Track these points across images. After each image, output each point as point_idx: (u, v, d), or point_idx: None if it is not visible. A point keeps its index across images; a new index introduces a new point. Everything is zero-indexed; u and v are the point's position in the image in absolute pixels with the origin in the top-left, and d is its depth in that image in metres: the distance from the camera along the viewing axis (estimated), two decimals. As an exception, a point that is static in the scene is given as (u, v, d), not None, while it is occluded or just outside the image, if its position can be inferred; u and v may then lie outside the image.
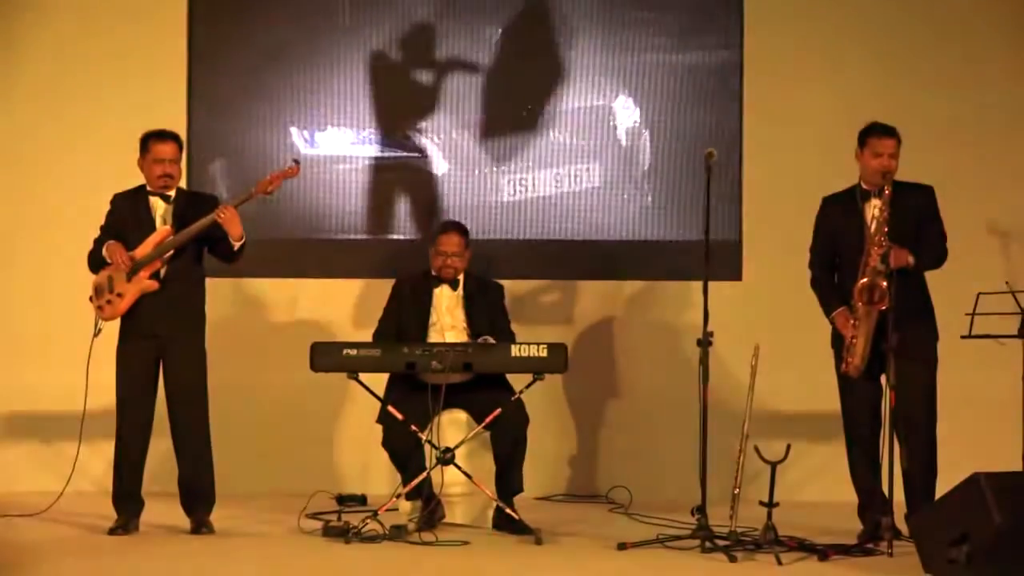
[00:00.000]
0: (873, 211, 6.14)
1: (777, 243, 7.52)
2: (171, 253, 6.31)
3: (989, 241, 7.61)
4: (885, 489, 5.97)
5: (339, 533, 6.16)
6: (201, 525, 6.33)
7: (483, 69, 7.89)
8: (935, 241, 6.25)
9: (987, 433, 7.19)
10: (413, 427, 6.34)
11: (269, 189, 6.46)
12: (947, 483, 5.61)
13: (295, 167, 6.56)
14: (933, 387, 6.24)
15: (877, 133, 6.22)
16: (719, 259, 7.06)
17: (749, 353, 6.02)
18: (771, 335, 6.84)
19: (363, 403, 6.77)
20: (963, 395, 6.81)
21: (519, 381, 6.47)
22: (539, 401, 6.83)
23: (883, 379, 6.08)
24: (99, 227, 6.43)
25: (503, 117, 7.89)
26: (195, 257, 6.41)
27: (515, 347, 6.42)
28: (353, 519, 6.29)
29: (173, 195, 6.40)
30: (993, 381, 7.09)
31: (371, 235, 7.87)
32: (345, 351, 6.41)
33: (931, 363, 6.25)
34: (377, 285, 7.31)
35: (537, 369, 6.37)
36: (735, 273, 7.76)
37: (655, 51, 7.85)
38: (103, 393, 6.37)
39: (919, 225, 6.22)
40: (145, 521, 6.39)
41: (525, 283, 7.79)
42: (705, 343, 6.02)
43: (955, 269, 6.35)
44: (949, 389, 6.33)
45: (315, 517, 6.55)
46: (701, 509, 5.96)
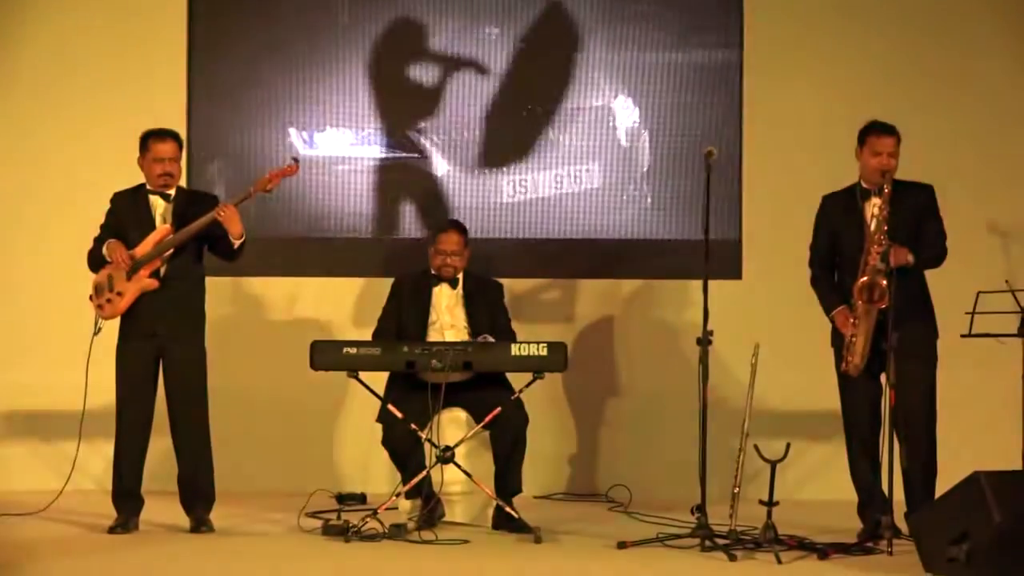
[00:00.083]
0: (873, 210, 6.13)
1: (777, 242, 7.52)
2: (171, 252, 6.31)
3: (989, 240, 7.60)
4: (885, 488, 5.96)
5: (339, 532, 6.16)
6: (201, 524, 6.33)
7: (483, 69, 7.88)
8: (935, 240, 6.24)
9: (987, 432, 7.19)
10: (413, 426, 6.34)
11: (268, 187, 6.46)
12: (947, 482, 5.61)
13: (294, 165, 6.56)
14: (933, 386, 6.23)
15: (876, 131, 6.21)
16: (719, 258, 7.07)
17: (749, 352, 6.02)
18: (771, 334, 6.84)
19: (363, 402, 6.76)
20: (963, 394, 6.82)
21: (519, 380, 6.47)
22: (539, 400, 6.84)
23: (883, 378, 6.07)
24: (99, 226, 6.42)
25: (503, 117, 7.88)
26: (195, 256, 6.41)
27: (515, 346, 6.42)
28: (353, 518, 6.28)
29: (173, 194, 6.40)
30: (993, 380, 7.10)
31: (371, 234, 7.86)
32: (345, 350, 6.41)
33: (931, 362, 6.24)
34: (377, 284, 7.31)
35: (537, 368, 6.36)
36: (735, 272, 7.75)
37: (655, 51, 7.85)
38: (103, 392, 6.37)
39: (919, 224, 6.22)
40: (145, 520, 6.39)
41: (525, 282, 7.78)
42: (705, 342, 6.01)
43: (955, 268, 6.35)
44: (949, 388, 6.32)
45: (315, 516, 6.54)
46: (701, 508, 5.96)
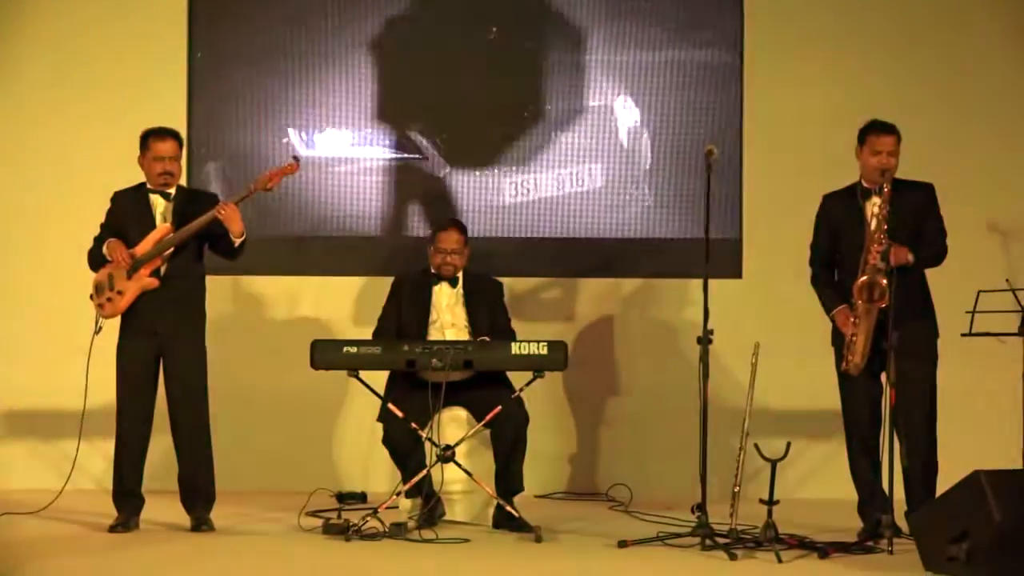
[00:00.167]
0: (873, 209, 6.13)
1: (777, 241, 7.52)
2: (171, 251, 6.31)
3: (989, 239, 7.59)
4: (885, 487, 5.96)
5: (339, 531, 6.16)
6: (201, 523, 6.33)
7: (483, 70, 7.88)
8: (935, 238, 6.24)
9: (987, 431, 7.19)
10: (413, 425, 6.34)
11: (268, 186, 6.46)
12: (947, 481, 5.61)
13: (295, 164, 6.56)
14: (933, 385, 6.23)
15: (876, 130, 6.21)
16: (719, 257, 7.07)
17: (749, 351, 6.01)
18: (771, 333, 6.83)
19: (363, 401, 6.76)
20: (963, 393, 6.82)
21: (519, 379, 6.47)
22: (539, 399, 6.83)
23: (883, 377, 6.07)
24: (99, 225, 6.42)
25: (504, 117, 7.88)
26: (195, 254, 6.41)
27: (515, 344, 6.41)
28: (353, 517, 6.29)
29: (173, 192, 6.40)
30: (993, 379, 7.10)
31: (372, 234, 7.86)
32: (345, 349, 6.41)
33: (931, 361, 6.24)
34: (377, 283, 7.31)
35: (537, 367, 6.36)
36: (735, 271, 7.75)
37: (656, 50, 7.84)
38: (103, 391, 6.37)
39: (919, 222, 6.21)
40: (145, 519, 6.39)
41: (525, 280, 7.78)
42: (705, 341, 6.01)
43: (955, 267, 6.35)
44: (949, 387, 6.32)
45: (315, 515, 6.55)
46: (701, 507, 5.96)
